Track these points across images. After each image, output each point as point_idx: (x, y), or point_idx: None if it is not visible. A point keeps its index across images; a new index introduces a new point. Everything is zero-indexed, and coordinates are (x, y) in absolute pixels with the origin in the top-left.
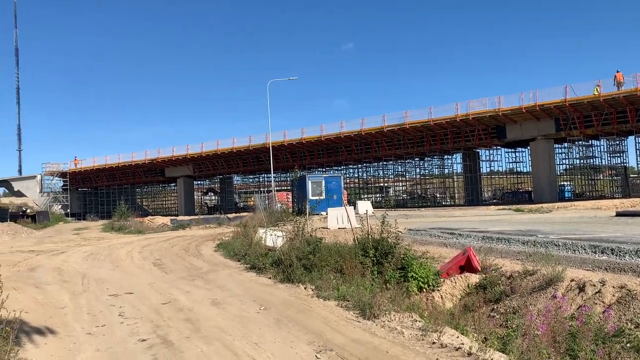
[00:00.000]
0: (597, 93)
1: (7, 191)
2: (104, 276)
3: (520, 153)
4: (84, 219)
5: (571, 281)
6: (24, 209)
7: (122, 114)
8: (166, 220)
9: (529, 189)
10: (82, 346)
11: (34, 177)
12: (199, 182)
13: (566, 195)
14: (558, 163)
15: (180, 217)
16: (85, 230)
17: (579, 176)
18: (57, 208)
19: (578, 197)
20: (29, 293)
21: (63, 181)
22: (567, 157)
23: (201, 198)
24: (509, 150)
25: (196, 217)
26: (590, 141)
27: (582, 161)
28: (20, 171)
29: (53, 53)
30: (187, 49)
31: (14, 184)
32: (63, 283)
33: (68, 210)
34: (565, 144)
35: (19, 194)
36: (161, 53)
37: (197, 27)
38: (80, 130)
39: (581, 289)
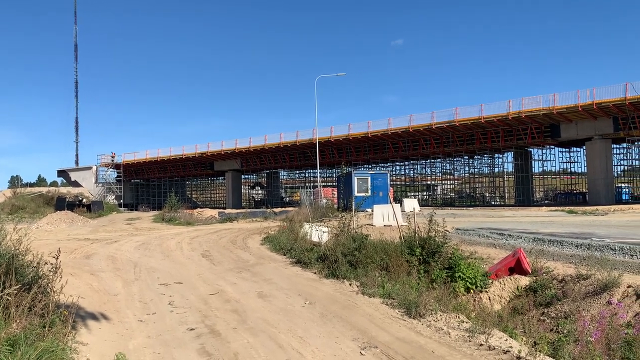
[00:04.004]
0: None
1: (65, 181)
2: (154, 265)
3: (575, 153)
4: (135, 210)
5: (628, 287)
6: (80, 199)
7: (175, 108)
8: (214, 212)
9: (584, 190)
10: (133, 332)
11: (89, 168)
12: (246, 176)
13: (624, 197)
14: (615, 164)
15: (228, 210)
16: (137, 220)
17: (638, 178)
18: (110, 198)
19: (637, 200)
20: (85, 279)
21: (117, 172)
22: (625, 157)
23: (248, 192)
24: (563, 149)
25: (243, 210)
26: None
27: None
28: (77, 162)
29: (111, 50)
30: (240, 48)
31: (71, 174)
32: (116, 271)
33: (121, 201)
34: (624, 144)
35: (76, 184)
36: (215, 52)
37: (250, 27)
38: (135, 124)
39: (639, 295)
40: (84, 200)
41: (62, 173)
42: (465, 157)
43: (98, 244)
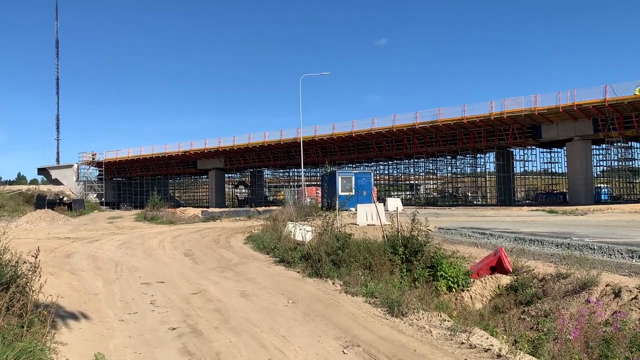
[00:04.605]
0: (638, 93)
1: (45, 179)
2: (136, 264)
3: (556, 153)
4: (117, 208)
5: (606, 286)
6: (61, 197)
7: (158, 106)
8: (197, 211)
9: (564, 190)
10: (114, 332)
11: (70, 166)
12: (230, 175)
13: (603, 198)
14: (595, 164)
15: (211, 209)
16: (119, 219)
17: (617, 179)
18: (92, 197)
19: (615, 200)
20: (65, 279)
21: (99, 170)
22: (604, 158)
23: (232, 191)
24: (544, 150)
25: (226, 209)
26: (629, 143)
27: (620, 163)
28: (58, 160)
29: (92, 48)
30: (221, 45)
31: (52, 172)
32: (97, 270)
33: (103, 199)
34: (603, 145)
35: (57, 182)
36: (197, 49)
37: (234, 23)
38: (117, 122)
39: (617, 294)
40: (65, 198)
41: (42, 171)
42: (448, 157)
43: (79, 243)
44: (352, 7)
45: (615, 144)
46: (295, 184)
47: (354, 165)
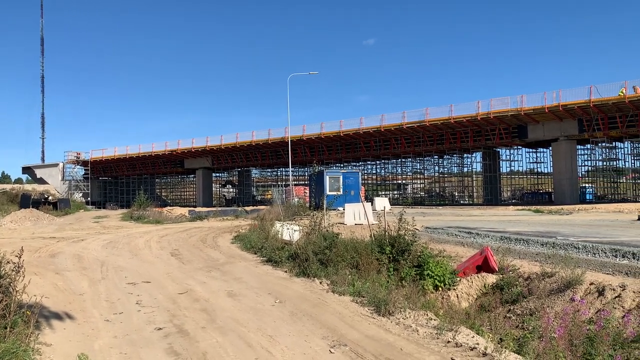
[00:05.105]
0: (622, 94)
1: (30, 178)
2: (122, 264)
3: (542, 153)
4: (103, 208)
5: (590, 284)
6: (46, 196)
7: (145, 105)
8: (184, 211)
9: (550, 190)
10: (99, 332)
11: (56, 165)
12: (218, 174)
13: (587, 197)
14: (580, 164)
15: (198, 209)
16: (105, 218)
17: (601, 178)
18: (78, 196)
19: (600, 199)
20: (50, 279)
21: (84, 169)
22: (589, 158)
23: (219, 190)
24: (530, 150)
25: (214, 209)
26: (613, 143)
27: (604, 163)
28: (43, 159)
29: (78, 46)
30: (209, 44)
31: (37, 171)
32: (82, 270)
33: (88, 199)
34: (588, 146)
35: (42, 181)
36: (184, 48)
37: (222, 22)
38: (102, 120)
39: (600, 292)
40: (50, 197)
41: (27, 170)
42: (435, 156)
43: (64, 243)
44: (340, 7)
45: (599, 144)
46: (283, 183)
47: (341, 165)
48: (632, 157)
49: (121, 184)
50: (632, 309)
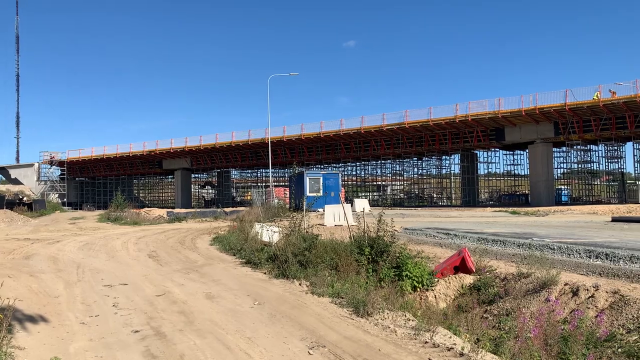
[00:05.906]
0: (597, 98)
1: (4, 178)
2: (98, 266)
3: (519, 156)
4: (80, 209)
5: (565, 285)
6: (21, 197)
7: (123, 105)
8: (162, 212)
9: (526, 191)
10: (75, 335)
11: (31, 165)
12: (197, 175)
13: (563, 199)
14: (556, 167)
15: (177, 210)
16: (82, 219)
17: (576, 181)
18: (53, 197)
19: (575, 201)
20: (24, 281)
21: (60, 170)
22: (565, 161)
23: (198, 191)
24: (507, 152)
25: (193, 210)
26: (588, 146)
27: (579, 166)
28: (17, 159)
29: (54, 44)
30: (189, 44)
31: (11, 171)
32: (58, 272)
33: (65, 200)
34: (564, 148)
35: (16, 182)
36: (164, 48)
37: (200, 23)
38: (80, 120)
39: (574, 293)
40: (25, 198)
41: (1, 170)
42: (414, 158)
43: (39, 244)
44: (321, 9)
45: (575, 147)
46: (263, 184)
47: (322, 166)
48: (606, 160)
49: (98, 184)
50: (604, 309)
